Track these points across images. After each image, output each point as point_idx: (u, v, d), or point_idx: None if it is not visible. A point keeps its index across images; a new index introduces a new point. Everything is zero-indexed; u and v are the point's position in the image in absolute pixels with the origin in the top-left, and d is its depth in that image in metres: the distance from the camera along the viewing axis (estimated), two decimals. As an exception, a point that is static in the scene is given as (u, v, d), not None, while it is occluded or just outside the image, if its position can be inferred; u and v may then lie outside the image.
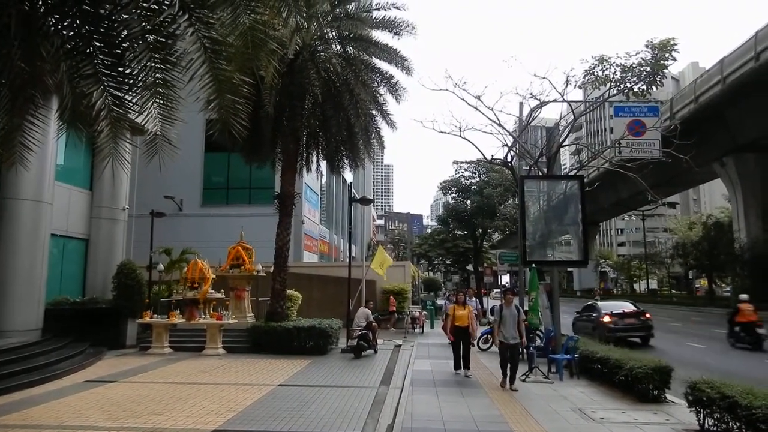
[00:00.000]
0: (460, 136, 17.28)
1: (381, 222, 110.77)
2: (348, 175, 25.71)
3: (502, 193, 37.48)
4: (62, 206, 16.78)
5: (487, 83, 41.31)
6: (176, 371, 12.43)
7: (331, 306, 20.91)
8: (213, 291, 16.62)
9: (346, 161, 17.88)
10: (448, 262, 49.90)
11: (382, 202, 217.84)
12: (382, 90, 17.33)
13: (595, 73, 16.25)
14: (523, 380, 10.90)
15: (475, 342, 15.70)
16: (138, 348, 16.22)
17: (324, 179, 34.54)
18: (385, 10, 16.11)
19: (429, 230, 66.67)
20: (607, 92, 16.88)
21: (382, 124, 17.77)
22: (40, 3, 5.36)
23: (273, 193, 19.76)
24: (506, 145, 18.01)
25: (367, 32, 16.95)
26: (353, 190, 24.18)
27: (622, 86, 16.23)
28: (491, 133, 25.47)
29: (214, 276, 16.83)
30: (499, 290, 33.06)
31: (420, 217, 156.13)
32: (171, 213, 24.63)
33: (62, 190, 16.78)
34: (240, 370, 12.56)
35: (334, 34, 16.83)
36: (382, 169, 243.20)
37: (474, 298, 17.33)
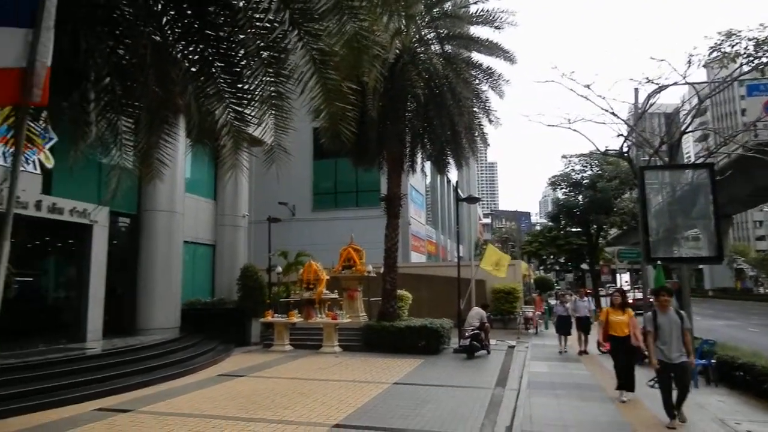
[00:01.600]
0: (570, 128, 16.48)
1: (487, 221, 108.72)
2: (453, 175, 25.54)
3: (617, 186, 35.20)
4: (191, 216, 18.36)
5: (597, 71, 39.27)
6: (297, 367, 13.09)
7: (440, 306, 20.90)
8: (327, 291, 17.29)
9: (451, 161, 17.77)
10: (561, 260, 47.82)
11: (487, 201, 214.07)
12: (484, 86, 17.04)
13: (723, 50, 14.71)
14: (651, 386, 10.13)
15: (594, 341, 14.92)
16: (261, 345, 17.30)
17: (428, 180, 34.61)
18: (483, 2, 15.83)
19: (538, 228, 64.28)
20: (738, 70, 15.21)
21: (485, 121, 17.48)
22: (169, 33, 5.91)
23: (379, 196, 20.16)
24: (621, 135, 16.90)
25: (466, 29, 16.76)
26: (458, 189, 23.96)
27: (755, 62, 14.54)
28: (604, 123, 24.01)
29: (328, 277, 17.50)
30: (611, 287, 31.03)
31: (528, 215, 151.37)
32: (285, 218, 25.97)
33: (191, 201, 18.37)
34: (356, 367, 12.95)
35: (432, 34, 16.84)
36: (486, 167, 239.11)
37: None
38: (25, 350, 11.63)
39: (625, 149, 17.51)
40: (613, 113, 16.18)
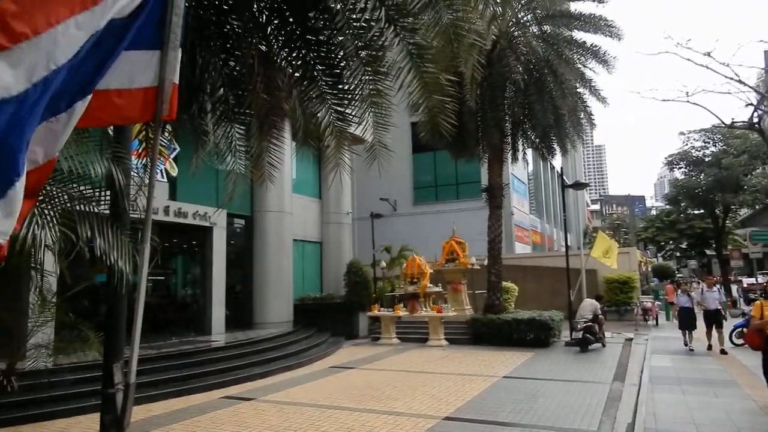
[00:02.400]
0: (688, 101, 15.20)
1: (596, 207, 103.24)
2: (557, 161, 24.52)
3: (747, 161, 31.91)
4: (299, 215, 19.25)
5: (716, 36, 35.75)
6: (405, 360, 13.30)
7: (547, 297, 20.21)
8: (431, 285, 17.37)
9: (555, 146, 17.11)
10: (682, 245, 44.27)
11: (595, 186, 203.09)
12: (589, 64, 16.17)
13: None
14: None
15: (727, 335, 13.64)
16: (369, 338, 17.78)
17: (531, 168, 33.54)
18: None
19: (654, 212, 59.89)
20: None
21: (591, 102, 16.61)
22: (274, 42, 6.23)
23: (480, 187, 19.90)
24: (751, 104, 15.27)
25: (566, 6, 16.00)
26: (563, 175, 22.95)
27: None
28: (728, 93, 21.89)
29: (431, 271, 17.57)
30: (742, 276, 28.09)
31: (642, 199, 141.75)
32: (387, 214, 26.42)
33: (298, 200, 19.26)
34: (463, 360, 12.90)
35: (529, 16, 16.26)
36: (593, 150, 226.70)
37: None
38: (160, 342, 12.86)
39: (755, 119, 15.81)
40: (739, 81, 14.70)
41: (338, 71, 6.07)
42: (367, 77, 6.01)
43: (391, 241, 22.88)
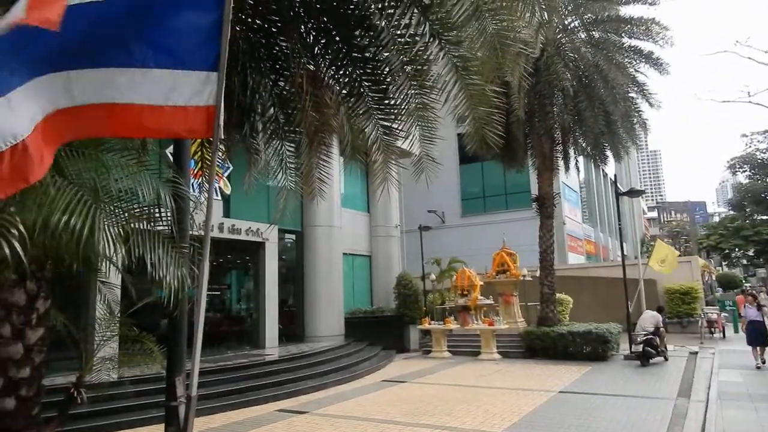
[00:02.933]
0: (750, 102, 14.50)
1: (653, 214, 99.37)
2: (609, 168, 23.83)
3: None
4: (348, 229, 19.45)
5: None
6: (457, 374, 13.14)
7: (604, 309, 19.55)
8: (482, 297, 17.14)
9: (608, 153, 16.68)
10: (749, 253, 42.00)
11: (652, 193, 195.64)
12: (641, 68, 15.74)
13: None
14: None
15: None
16: (420, 351, 17.67)
17: (582, 176, 32.75)
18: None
19: (717, 218, 57.11)
20: None
21: (644, 106, 16.11)
22: (321, 61, 6.39)
23: (529, 196, 19.59)
24: (819, 103, 14.40)
25: (615, 11, 15.65)
26: (617, 182, 22.25)
27: None
28: (794, 92, 20.76)
29: (482, 283, 17.35)
30: None
31: (702, 205, 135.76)
32: (435, 226, 26.34)
33: (347, 214, 19.48)
34: (516, 374, 12.64)
35: (577, 22, 16.00)
36: (647, 156, 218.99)
37: None
38: (216, 355, 13.22)
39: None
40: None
41: (384, 87, 6.16)
42: (412, 91, 6.07)
43: (440, 253, 22.76)
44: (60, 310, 5.43)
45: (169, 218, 4.11)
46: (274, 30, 6.10)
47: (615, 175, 20.91)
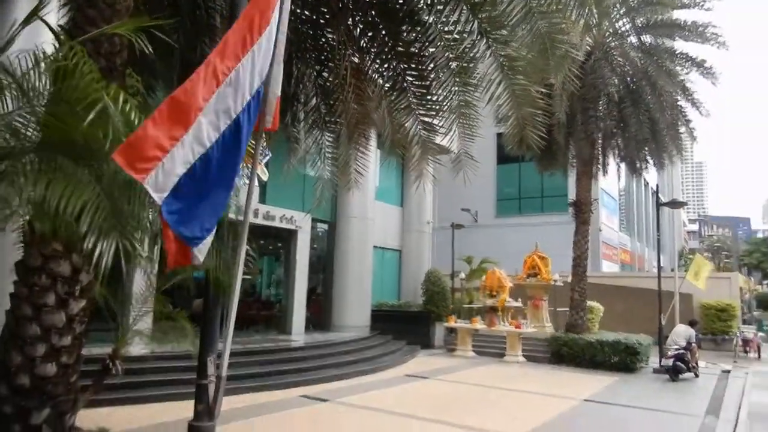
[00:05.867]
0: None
1: (694, 227, 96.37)
2: (652, 177, 23.22)
3: None
4: (380, 222, 19.49)
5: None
6: (480, 374, 13.07)
7: (635, 320, 19.10)
8: (511, 299, 16.97)
9: (650, 161, 16.23)
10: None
11: (694, 205, 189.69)
12: (691, 76, 15.24)
13: None
14: None
15: None
16: (445, 349, 17.62)
17: (623, 183, 31.97)
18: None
19: (761, 235, 55.06)
20: None
21: (692, 114, 15.63)
22: (366, 54, 6.42)
23: (566, 201, 19.20)
24: None
25: (668, 15, 15.19)
26: (659, 192, 21.67)
27: None
28: None
29: (512, 285, 17.17)
30: None
31: (747, 221, 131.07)
32: (468, 225, 26.08)
33: (380, 207, 19.51)
34: (541, 379, 12.48)
35: (628, 26, 15.58)
36: (692, 166, 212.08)
37: None
38: (245, 338, 13.45)
39: None
40: None
41: (428, 83, 6.16)
42: (456, 88, 6.05)
43: (471, 252, 22.59)
44: (101, 283, 5.62)
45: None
46: (321, 22, 6.16)
47: (657, 185, 20.40)
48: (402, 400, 9.59)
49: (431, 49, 5.85)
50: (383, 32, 6.02)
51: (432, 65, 5.98)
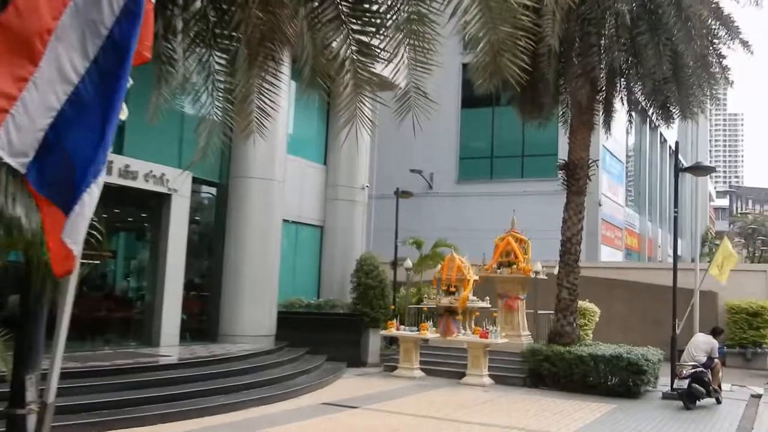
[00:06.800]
0: None
1: (723, 202, 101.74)
2: (671, 133, 24.16)
3: None
4: (294, 185, 19.32)
5: None
6: (430, 402, 13.39)
7: (642, 327, 20.12)
8: (476, 298, 17.33)
9: (671, 109, 16.85)
10: None
11: (725, 173, 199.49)
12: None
13: None
14: None
15: None
16: (382, 367, 17.91)
17: (632, 140, 33.11)
18: None
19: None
20: None
21: (727, 49, 16.26)
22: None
23: (555, 162, 19.70)
24: None
25: None
26: (679, 153, 22.59)
27: None
28: None
29: (477, 277, 17.53)
30: None
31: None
32: (419, 192, 26.33)
33: (294, 165, 19.34)
34: (512, 409, 12.93)
35: None
36: (724, 120, 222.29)
37: None
38: (87, 352, 13.14)
39: None
40: None
41: (365, -16, 6.09)
42: (405, -6, 6.01)
43: (423, 231, 22.94)
44: None
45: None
46: None
47: (676, 143, 21.19)
48: (319, 440, 9.70)
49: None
50: None
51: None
